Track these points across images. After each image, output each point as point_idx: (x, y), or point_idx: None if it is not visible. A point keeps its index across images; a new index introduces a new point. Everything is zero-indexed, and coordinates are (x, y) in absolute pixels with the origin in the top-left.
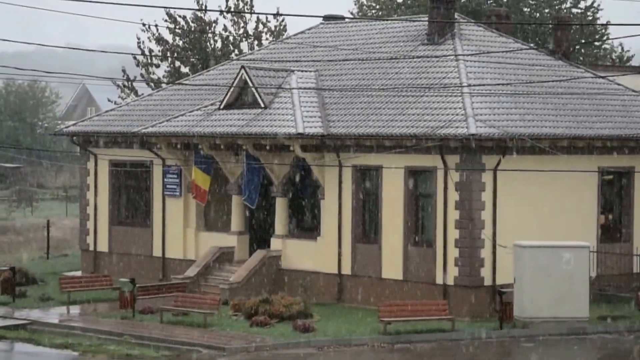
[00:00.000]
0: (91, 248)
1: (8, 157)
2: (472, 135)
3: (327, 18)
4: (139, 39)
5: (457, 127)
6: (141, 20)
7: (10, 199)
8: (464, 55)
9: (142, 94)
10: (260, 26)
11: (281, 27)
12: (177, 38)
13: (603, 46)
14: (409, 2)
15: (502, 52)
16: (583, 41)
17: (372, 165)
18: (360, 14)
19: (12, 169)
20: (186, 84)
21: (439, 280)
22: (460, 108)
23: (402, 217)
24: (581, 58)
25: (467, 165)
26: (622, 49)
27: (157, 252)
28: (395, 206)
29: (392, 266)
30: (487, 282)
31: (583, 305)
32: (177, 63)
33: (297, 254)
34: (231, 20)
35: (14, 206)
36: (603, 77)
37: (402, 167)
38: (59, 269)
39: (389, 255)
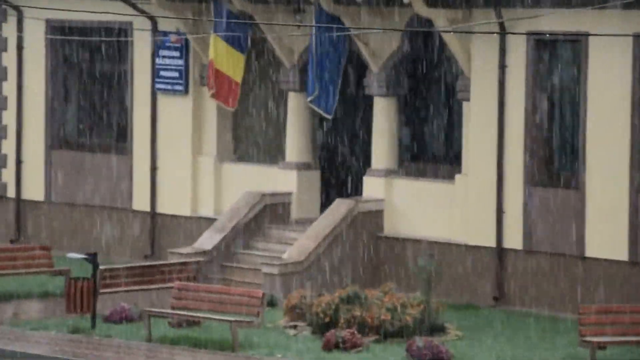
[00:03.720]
0: (11, 194)
1: None
2: None
3: None
4: None
5: None
6: None
7: None
8: None
9: None
10: None
11: None
12: None
13: None
14: None
15: None
16: None
17: (566, 33)
18: None
19: None
20: None
21: None
22: None
23: (627, 136)
24: None
25: None
26: None
27: (140, 203)
28: (614, 115)
29: (604, 234)
30: None
31: None
32: None
33: (415, 209)
34: None
35: None
36: None
37: (630, 36)
38: None
39: (599, 212)
